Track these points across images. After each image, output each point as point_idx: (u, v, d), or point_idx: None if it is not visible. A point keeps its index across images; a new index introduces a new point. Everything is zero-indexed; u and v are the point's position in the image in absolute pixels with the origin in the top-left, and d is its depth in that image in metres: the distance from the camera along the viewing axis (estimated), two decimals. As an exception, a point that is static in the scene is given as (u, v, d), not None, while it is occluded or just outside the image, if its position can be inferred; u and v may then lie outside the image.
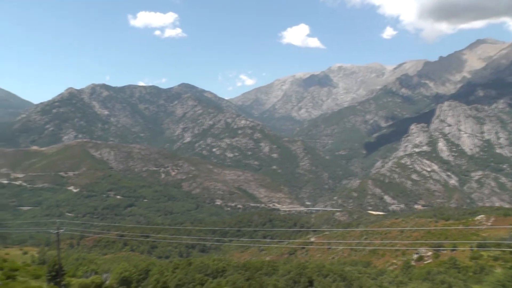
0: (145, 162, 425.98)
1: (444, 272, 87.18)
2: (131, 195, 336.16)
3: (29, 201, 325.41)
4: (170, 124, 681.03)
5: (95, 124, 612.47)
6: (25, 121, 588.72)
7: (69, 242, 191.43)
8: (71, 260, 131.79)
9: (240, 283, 74.78)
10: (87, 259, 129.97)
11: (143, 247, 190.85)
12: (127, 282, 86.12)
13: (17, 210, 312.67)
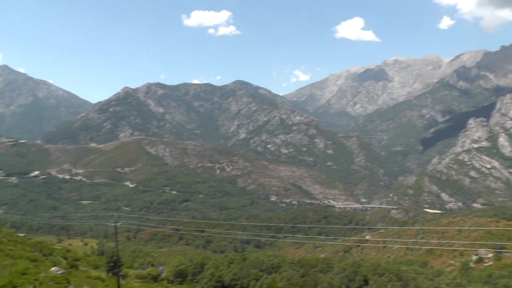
0: (200, 158, 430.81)
1: (508, 276, 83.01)
2: (186, 190, 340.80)
3: (89, 195, 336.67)
4: (224, 120, 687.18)
5: (151, 121, 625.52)
6: (84, 119, 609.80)
7: (126, 235, 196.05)
8: (128, 252, 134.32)
9: (295, 280, 73.77)
10: (143, 252, 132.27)
11: (198, 241, 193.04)
12: (183, 275, 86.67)
13: (78, 203, 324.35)
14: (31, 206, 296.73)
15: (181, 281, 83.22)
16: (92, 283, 47.07)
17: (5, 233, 74.56)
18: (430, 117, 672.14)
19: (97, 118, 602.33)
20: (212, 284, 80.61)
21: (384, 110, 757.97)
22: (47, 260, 56.47)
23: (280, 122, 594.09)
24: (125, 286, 57.64)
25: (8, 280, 26.57)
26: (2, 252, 48.32)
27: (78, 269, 61.89)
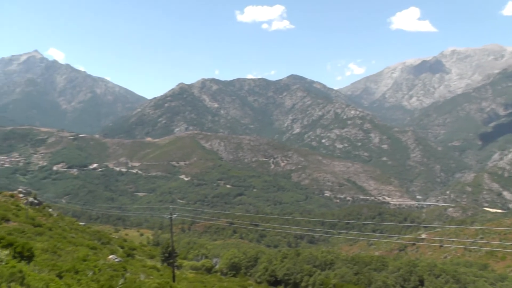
0: (255, 153, 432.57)
1: None
2: (241, 184, 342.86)
3: (145, 187, 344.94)
4: (279, 115, 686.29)
5: (205, 116, 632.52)
6: (140, 115, 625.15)
7: (180, 227, 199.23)
8: (183, 243, 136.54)
9: (349, 277, 72.84)
10: (197, 244, 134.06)
11: (252, 235, 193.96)
12: (236, 268, 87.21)
13: (134, 195, 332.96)
14: (90, 196, 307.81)
15: (234, 274, 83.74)
16: (147, 272, 47.94)
17: (67, 222, 77.08)
18: (491, 110, 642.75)
19: (152, 113, 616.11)
20: (265, 278, 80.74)
21: (441, 104, 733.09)
22: (105, 248, 57.99)
23: (335, 117, 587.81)
24: (180, 276, 58.42)
25: (71, 265, 27.59)
26: (65, 239, 50.10)
27: (134, 258, 63.30)
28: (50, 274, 20.72)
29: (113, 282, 27.19)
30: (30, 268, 18.52)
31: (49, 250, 36.79)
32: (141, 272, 44.93)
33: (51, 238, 46.69)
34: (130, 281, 30.97)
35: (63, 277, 22.47)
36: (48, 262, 27.88)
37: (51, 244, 41.12)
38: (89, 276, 26.41)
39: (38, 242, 39.23)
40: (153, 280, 39.09)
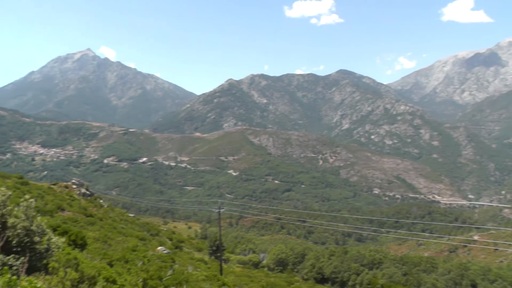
0: (303, 149, 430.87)
1: None
2: (289, 180, 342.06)
3: (193, 181, 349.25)
4: (328, 111, 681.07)
5: (254, 112, 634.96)
6: (189, 110, 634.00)
7: (228, 221, 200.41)
8: (230, 237, 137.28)
9: (397, 278, 71.22)
10: (245, 238, 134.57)
11: (299, 231, 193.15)
12: (283, 263, 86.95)
13: (183, 189, 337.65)
14: (140, 189, 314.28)
15: (281, 269, 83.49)
16: (195, 264, 48.20)
17: (117, 213, 78.75)
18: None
19: (201, 109, 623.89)
20: (313, 275, 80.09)
21: (495, 98, 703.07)
22: (154, 240, 58.85)
23: (384, 112, 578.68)
24: (227, 270, 58.54)
25: (122, 254, 28.04)
26: (115, 229, 51.09)
27: (182, 250, 63.98)
28: (102, 262, 20.96)
29: (161, 273, 27.30)
30: (83, 255, 18.75)
31: (100, 239, 37.52)
32: (189, 264, 45.21)
33: (102, 228, 47.68)
34: (178, 272, 31.08)
35: (114, 266, 22.72)
36: (99, 250, 28.35)
37: (102, 233, 41.96)
38: (138, 266, 26.65)
39: (90, 231, 40.06)
40: (201, 273, 39.18)
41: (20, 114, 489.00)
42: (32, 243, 13.59)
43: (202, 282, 32.76)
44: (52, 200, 55.71)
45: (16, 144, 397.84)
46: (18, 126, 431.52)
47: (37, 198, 45.27)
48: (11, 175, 67.79)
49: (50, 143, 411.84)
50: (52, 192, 66.18)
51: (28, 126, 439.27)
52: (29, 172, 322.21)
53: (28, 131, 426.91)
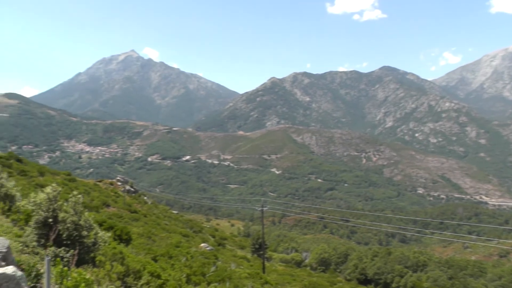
0: (346, 147, 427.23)
1: None
2: (332, 179, 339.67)
3: (236, 180, 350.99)
4: (371, 108, 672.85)
5: (297, 110, 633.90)
6: (232, 109, 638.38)
7: (271, 219, 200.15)
8: (273, 236, 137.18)
9: (442, 281, 69.43)
10: (288, 237, 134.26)
11: (342, 231, 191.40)
12: (326, 263, 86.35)
13: (226, 187, 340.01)
14: (183, 187, 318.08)
15: (324, 269, 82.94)
16: (238, 262, 48.42)
17: (161, 209, 79.91)
18: None
19: (244, 108, 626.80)
20: (355, 276, 79.32)
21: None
22: (197, 237, 59.41)
23: (429, 109, 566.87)
24: (269, 268, 58.57)
25: (165, 250, 28.49)
26: (159, 226, 51.90)
27: (225, 248, 64.44)
28: (146, 257, 21.31)
29: (205, 269, 27.53)
30: (128, 250, 19.13)
31: (144, 235, 38.17)
32: (232, 262, 45.44)
33: (146, 224, 48.46)
34: (221, 269, 31.25)
35: (158, 261, 23.04)
36: (143, 246, 28.84)
37: (146, 229, 42.66)
38: (182, 261, 26.93)
39: (134, 227, 40.80)
40: (244, 270, 39.30)
41: (67, 113, 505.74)
42: (81, 237, 14.07)
43: (245, 279, 32.83)
44: (98, 197, 56.98)
45: (64, 143, 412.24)
46: (66, 125, 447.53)
47: (83, 194, 46.50)
48: (60, 172, 69.82)
49: (96, 142, 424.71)
50: (97, 188, 67.69)
51: (75, 125, 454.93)
52: (76, 169, 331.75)
53: (75, 130, 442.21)
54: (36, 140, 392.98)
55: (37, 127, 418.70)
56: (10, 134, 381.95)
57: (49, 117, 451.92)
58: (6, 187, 20.11)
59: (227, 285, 25.85)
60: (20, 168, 53.69)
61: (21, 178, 44.37)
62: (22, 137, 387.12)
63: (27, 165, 60.97)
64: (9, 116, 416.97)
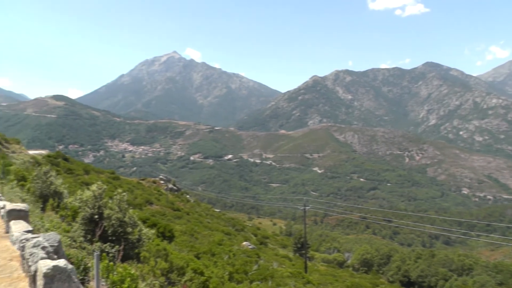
0: (389, 146, 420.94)
1: None
2: (374, 178, 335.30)
3: (278, 178, 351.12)
4: (414, 106, 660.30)
5: (339, 108, 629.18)
6: (274, 108, 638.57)
7: (313, 219, 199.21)
8: (315, 235, 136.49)
9: (490, 287, 67.28)
10: (330, 237, 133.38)
11: (385, 231, 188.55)
12: (368, 264, 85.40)
13: (268, 186, 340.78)
14: (225, 185, 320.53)
15: (366, 270, 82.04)
16: (280, 261, 48.38)
17: (203, 208, 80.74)
18: None
19: (286, 106, 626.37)
20: (398, 278, 78.16)
21: None
22: (239, 235, 59.68)
23: (474, 106, 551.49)
24: (311, 268, 58.30)
25: (208, 248, 28.76)
26: (201, 223, 52.40)
27: (267, 246, 64.52)
28: (189, 254, 21.51)
29: (247, 267, 27.58)
30: (171, 247, 19.37)
31: (187, 232, 38.62)
32: (274, 260, 45.41)
33: (188, 222, 49.03)
34: (263, 268, 31.26)
35: (201, 258, 23.23)
36: (186, 243, 29.16)
37: (189, 227, 43.16)
38: (224, 259, 27.06)
39: (177, 224, 41.32)
40: (286, 269, 39.26)
41: (111, 114, 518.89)
42: (125, 233, 14.40)
43: (287, 278, 32.79)
44: (141, 194, 58.03)
45: (108, 142, 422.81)
46: (110, 125, 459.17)
47: (127, 192, 47.33)
48: (104, 170, 71.54)
49: (139, 141, 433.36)
50: (141, 186, 68.93)
51: (119, 125, 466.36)
52: (120, 168, 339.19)
53: (118, 130, 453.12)
54: (82, 139, 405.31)
55: (82, 127, 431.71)
56: (58, 134, 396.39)
57: (94, 118, 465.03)
58: (55, 185, 20.79)
59: (269, 284, 25.83)
60: (67, 167, 55.18)
61: (68, 176, 45.56)
62: (69, 137, 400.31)
63: (73, 164, 62.63)
64: (56, 117, 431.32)
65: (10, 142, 68.02)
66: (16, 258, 8.72)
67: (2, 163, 24.65)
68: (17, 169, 31.36)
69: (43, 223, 13.55)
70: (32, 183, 21.22)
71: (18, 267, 8.20)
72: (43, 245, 7.51)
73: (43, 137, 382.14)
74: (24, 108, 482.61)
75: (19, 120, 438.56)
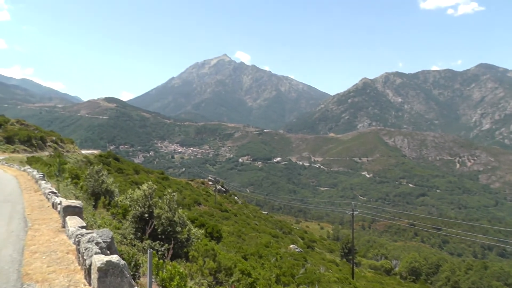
0: (439, 151, 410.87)
1: None
2: (424, 184, 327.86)
3: (326, 182, 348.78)
4: (466, 109, 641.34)
5: (389, 111, 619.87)
6: (323, 110, 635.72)
7: (361, 224, 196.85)
8: (362, 241, 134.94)
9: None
10: (377, 243, 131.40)
11: (434, 240, 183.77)
12: (416, 273, 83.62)
13: (316, 189, 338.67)
14: (273, 188, 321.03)
15: (414, 279, 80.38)
16: (326, 265, 48.03)
17: (251, 210, 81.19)
18: None
19: (335, 109, 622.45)
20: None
21: None
22: (286, 238, 59.67)
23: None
24: (358, 274, 57.64)
25: (256, 249, 28.83)
26: (248, 225, 52.67)
27: (314, 250, 64.22)
28: (237, 255, 21.63)
29: (294, 270, 27.54)
30: (219, 247, 19.53)
31: (234, 233, 38.90)
32: (321, 265, 45.12)
33: (236, 223, 49.37)
34: (310, 271, 31.13)
35: (248, 259, 23.30)
36: (234, 244, 29.34)
37: (236, 228, 43.44)
38: (272, 261, 27.05)
39: (224, 225, 41.73)
40: (333, 274, 38.95)
41: (161, 116, 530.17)
42: (174, 232, 14.69)
43: (334, 283, 32.54)
44: (190, 195, 58.86)
45: (158, 143, 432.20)
46: (160, 127, 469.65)
47: (176, 192, 48.24)
48: (153, 171, 73.00)
49: (188, 142, 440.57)
50: (189, 187, 69.90)
51: (169, 127, 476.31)
52: (169, 168, 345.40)
53: (168, 131, 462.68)
54: (132, 140, 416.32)
55: (132, 128, 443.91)
56: (109, 135, 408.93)
57: (144, 119, 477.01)
58: (106, 183, 21.44)
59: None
60: (117, 166, 56.60)
61: (118, 175, 46.73)
62: (119, 138, 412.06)
63: (123, 164, 64.19)
64: (108, 118, 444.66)
65: (65, 142, 70.46)
66: (72, 252, 9.19)
67: (58, 162, 25.50)
68: (71, 167, 32.47)
69: (95, 220, 14.00)
70: (85, 181, 22.00)
71: (74, 260, 8.63)
72: (97, 241, 7.91)
73: (95, 137, 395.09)
74: (78, 109, 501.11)
75: (73, 121, 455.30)
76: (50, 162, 37.80)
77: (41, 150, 64.05)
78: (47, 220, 12.98)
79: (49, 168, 30.18)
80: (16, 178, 25.79)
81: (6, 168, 34.16)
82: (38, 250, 9.46)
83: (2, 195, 17.98)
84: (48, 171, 28.62)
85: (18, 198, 17.32)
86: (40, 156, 47.77)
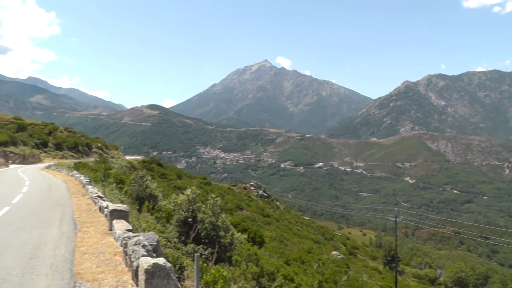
0: (486, 156, 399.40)
1: None
2: (469, 190, 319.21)
3: (368, 188, 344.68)
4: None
5: (432, 115, 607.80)
6: (365, 115, 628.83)
7: (404, 231, 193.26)
8: (406, 249, 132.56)
9: None
10: (421, 251, 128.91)
11: (481, 249, 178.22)
12: (463, 283, 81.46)
13: (358, 195, 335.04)
14: (315, 193, 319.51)
15: (460, 290, 78.38)
16: (369, 273, 47.51)
17: (293, 215, 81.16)
18: None
19: (377, 113, 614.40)
20: (497, 302, 73.94)
21: None
22: (328, 244, 59.33)
23: None
24: (402, 283, 56.63)
25: (298, 255, 28.91)
26: (291, 230, 52.63)
27: (356, 257, 63.57)
28: (279, 261, 21.67)
29: (336, 277, 27.38)
30: (262, 252, 19.64)
31: (276, 238, 38.96)
32: (363, 272, 44.67)
33: (278, 228, 49.42)
34: (353, 279, 30.90)
35: (291, 265, 23.32)
36: (276, 249, 29.39)
37: (278, 233, 43.48)
38: (314, 267, 26.98)
39: (267, 230, 41.83)
40: (375, 282, 38.52)
41: (203, 122, 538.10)
42: (218, 236, 14.90)
43: (377, 290, 32.14)
44: (232, 200, 59.28)
45: (200, 149, 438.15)
46: (202, 132, 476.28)
47: (219, 197, 48.68)
48: (196, 176, 73.96)
49: (230, 148, 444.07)
50: (231, 192, 70.41)
51: (211, 132, 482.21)
52: (211, 174, 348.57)
53: (210, 137, 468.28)
54: (174, 146, 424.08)
55: (175, 134, 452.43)
56: (152, 141, 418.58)
57: (186, 126, 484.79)
58: (150, 188, 21.91)
59: (359, 294, 25.46)
60: (160, 172, 57.60)
61: (162, 180, 47.54)
62: (162, 144, 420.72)
63: (166, 169, 65.27)
64: (151, 125, 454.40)
65: (109, 148, 72.33)
66: (119, 254, 9.66)
67: (103, 167, 26.23)
68: (116, 172, 33.27)
69: (140, 224, 14.36)
70: (130, 186, 22.54)
71: (121, 261, 9.06)
72: (143, 244, 8.22)
73: (138, 143, 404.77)
74: (122, 117, 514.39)
75: (117, 128, 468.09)
76: (96, 167, 38.94)
77: (87, 156, 66.07)
78: (95, 223, 13.70)
79: (95, 173, 31.14)
80: (65, 182, 27.12)
81: (56, 173, 35.86)
82: (87, 251, 10.03)
83: (53, 199, 19.20)
84: (94, 176, 29.52)
85: (68, 202, 18.50)
86: (86, 162, 49.23)
